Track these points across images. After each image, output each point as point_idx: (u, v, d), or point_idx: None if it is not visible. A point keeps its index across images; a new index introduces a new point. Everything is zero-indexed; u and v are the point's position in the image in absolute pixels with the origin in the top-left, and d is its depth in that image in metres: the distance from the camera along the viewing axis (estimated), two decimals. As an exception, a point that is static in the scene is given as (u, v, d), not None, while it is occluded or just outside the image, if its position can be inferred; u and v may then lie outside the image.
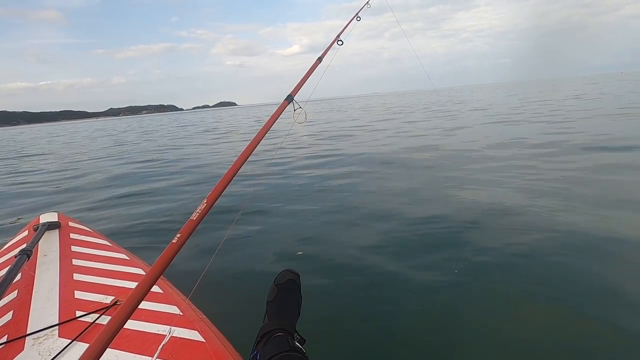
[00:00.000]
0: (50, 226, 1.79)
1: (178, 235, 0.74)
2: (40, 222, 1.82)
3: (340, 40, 1.71)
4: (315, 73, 1.47)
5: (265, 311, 1.25)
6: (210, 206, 0.79)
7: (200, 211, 0.78)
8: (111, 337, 0.60)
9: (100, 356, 0.58)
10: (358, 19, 1.92)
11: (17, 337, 1.02)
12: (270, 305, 1.25)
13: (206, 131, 18.48)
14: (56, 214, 1.93)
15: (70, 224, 1.89)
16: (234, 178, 0.88)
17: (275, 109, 1.18)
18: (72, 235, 1.75)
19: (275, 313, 1.21)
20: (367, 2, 2.05)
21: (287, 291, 1.30)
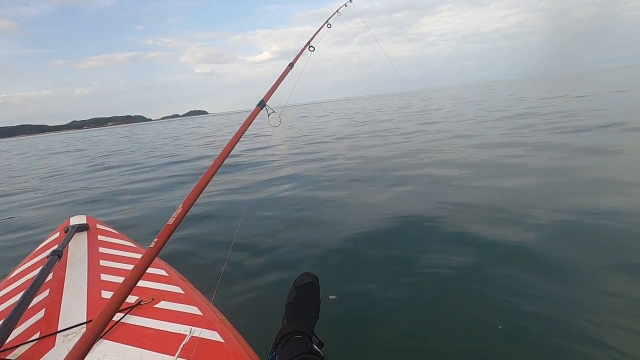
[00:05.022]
0: (80, 228, 1.87)
1: (155, 240, 0.74)
2: (70, 224, 1.91)
3: (312, 47, 1.72)
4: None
5: (284, 313, 1.26)
6: (186, 211, 0.80)
7: (176, 216, 0.78)
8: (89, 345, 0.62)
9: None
10: (329, 26, 1.96)
11: (49, 334, 1.07)
12: (289, 308, 1.26)
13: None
14: (85, 216, 2.02)
15: (98, 226, 1.97)
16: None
17: (247, 116, 1.19)
18: (100, 237, 1.82)
19: (294, 315, 1.22)
20: (337, 11, 2.14)
21: (306, 294, 1.31)
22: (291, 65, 1.56)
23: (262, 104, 1.26)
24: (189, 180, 6.21)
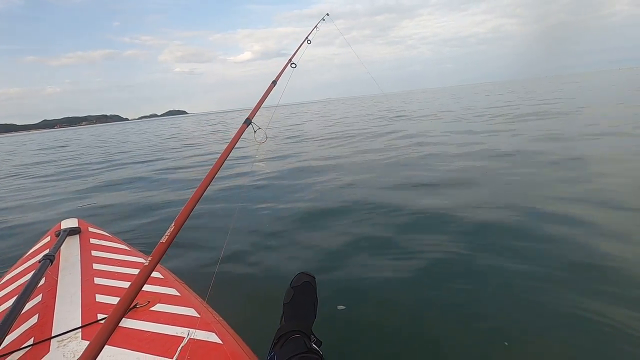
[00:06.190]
0: (71, 232, 1.84)
1: (149, 258, 0.78)
2: (62, 227, 1.88)
3: (294, 64, 1.78)
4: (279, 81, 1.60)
5: (282, 313, 1.26)
6: (178, 229, 0.85)
7: (169, 234, 0.83)
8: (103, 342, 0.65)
9: (99, 353, 0.63)
10: (309, 42, 2.01)
11: (43, 340, 1.05)
12: (287, 308, 1.26)
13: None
14: (76, 219, 1.99)
15: (90, 229, 1.94)
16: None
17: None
18: (92, 240, 1.80)
19: (291, 315, 1.22)
20: (316, 26, 2.16)
21: (303, 293, 1.31)
22: (274, 82, 1.62)
23: (247, 122, 1.31)
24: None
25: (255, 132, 1.32)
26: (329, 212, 3.52)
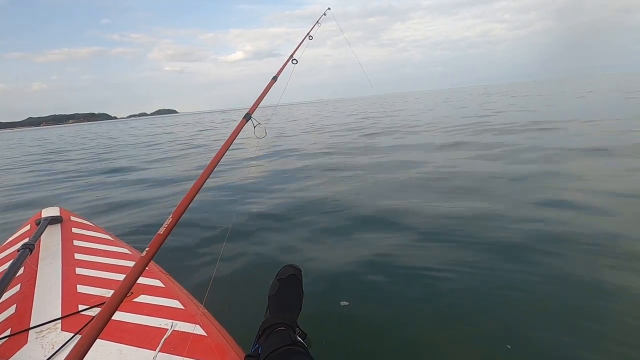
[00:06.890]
0: (52, 220, 1.80)
1: (146, 249, 0.78)
2: (42, 216, 1.83)
3: (295, 59, 1.75)
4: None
5: (267, 305, 1.26)
6: (176, 221, 0.85)
7: (166, 226, 0.82)
8: (98, 332, 0.64)
9: (92, 345, 0.61)
10: (310, 37, 1.98)
11: (21, 331, 1.02)
12: (272, 300, 1.26)
13: None
14: (58, 208, 1.94)
15: (72, 218, 1.89)
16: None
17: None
18: (74, 230, 1.76)
19: (276, 307, 1.22)
20: (317, 22, 2.14)
21: (288, 286, 1.31)
22: (275, 78, 1.60)
23: (247, 117, 1.30)
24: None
25: (255, 127, 1.32)
26: (320, 203, 3.52)
